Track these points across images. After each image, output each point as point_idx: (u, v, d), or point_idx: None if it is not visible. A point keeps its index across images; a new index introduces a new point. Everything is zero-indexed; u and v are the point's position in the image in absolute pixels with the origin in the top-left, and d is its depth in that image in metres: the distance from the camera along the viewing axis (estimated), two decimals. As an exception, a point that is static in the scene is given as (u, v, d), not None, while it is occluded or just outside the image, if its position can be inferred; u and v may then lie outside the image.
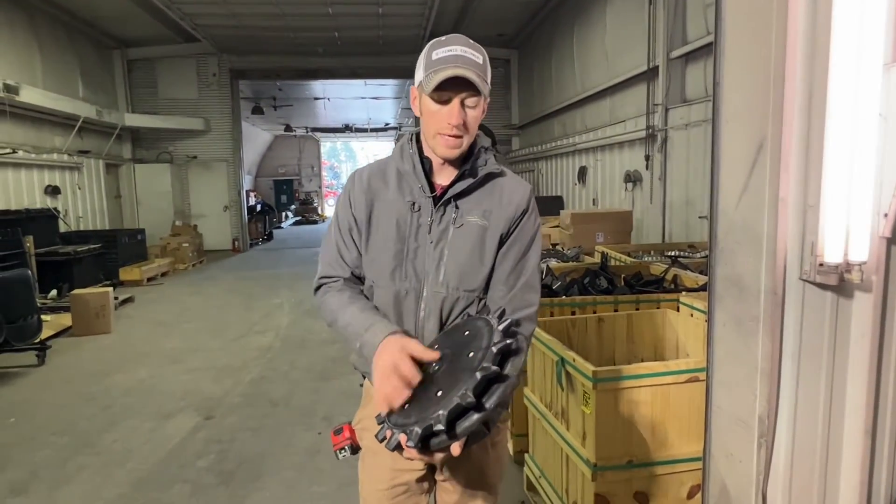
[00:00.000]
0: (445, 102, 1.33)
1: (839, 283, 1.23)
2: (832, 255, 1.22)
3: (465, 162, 1.43)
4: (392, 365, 1.22)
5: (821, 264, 1.24)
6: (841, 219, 1.21)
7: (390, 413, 1.23)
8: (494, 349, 1.15)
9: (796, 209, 1.29)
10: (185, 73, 13.63)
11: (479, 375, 1.12)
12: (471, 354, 1.19)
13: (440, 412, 1.12)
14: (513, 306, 1.41)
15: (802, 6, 1.25)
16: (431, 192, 1.42)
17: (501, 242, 1.43)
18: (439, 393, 1.18)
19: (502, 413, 1.45)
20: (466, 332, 1.29)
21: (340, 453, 1.50)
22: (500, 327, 1.20)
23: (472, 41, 1.36)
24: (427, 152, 1.44)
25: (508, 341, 1.18)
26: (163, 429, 3.92)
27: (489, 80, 1.37)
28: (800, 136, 1.28)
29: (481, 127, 1.46)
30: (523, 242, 1.45)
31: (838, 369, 1.32)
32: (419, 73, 1.36)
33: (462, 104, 1.33)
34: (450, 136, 1.34)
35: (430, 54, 1.34)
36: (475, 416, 1.13)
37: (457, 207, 1.42)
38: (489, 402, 1.13)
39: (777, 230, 1.32)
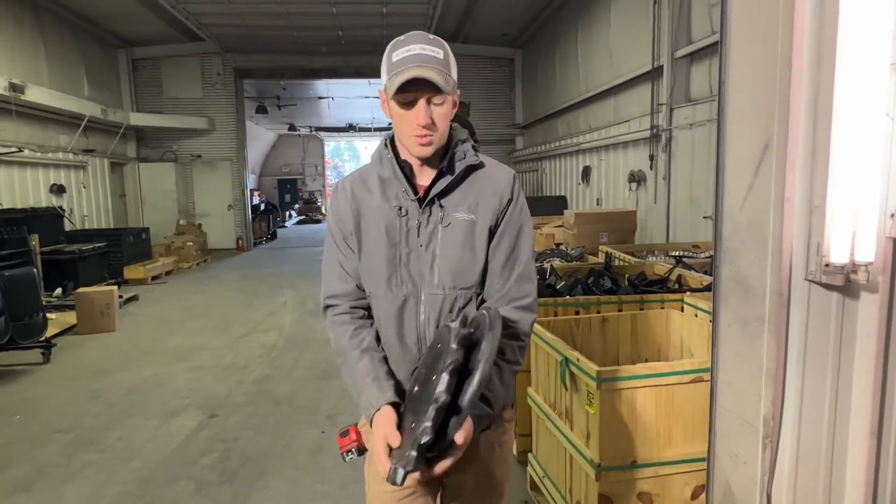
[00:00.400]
0: (411, 104, 1.32)
1: (845, 283, 1.23)
2: (838, 255, 1.22)
3: (442, 159, 1.42)
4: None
5: (826, 265, 1.23)
6: (847, 219, 1.20)
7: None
8: (446, 374, 1.13)
9: (802, 209, 1.29)
10: (190, 73, 13.66)
11: (432, 411, 1.12)
12: (433, 377, 1.18)
13: (411, 453, 1.13)
14: (509, 298, 1.41)
15: (809, 5, 1.25)
16: (415, 195, 1.41)
17: (491, 235, 1.42)
18: (413, 425, 1.19)
19: (506, 401, 1.46)
20: (438, 345, 1.29)
21: (347, 455, 1.50)
22: (454, 344, 1.17)
23: (431, 36, 1.34)
24: (404, 154, 1.43)
25: (454, 362, 1.15)
26: (167, 427, 3.93)
27: (454, 74, 1.35)
28: (806, 136, 1.28)
29: (458, 119, 1.45)
30: (513, 232, 1.43)
31: (844, 370, 1.31)
32: (383, 77, 1.35)
33: (428, 102, 1.32)
34: (420, 136, 1.33)
35: (390, 56, 1.33)
36: (443, 446, 1.16)
37: (441, 206, 1.41)
38: (450, 436, 1.16)
39: (783, 230, 1.32)
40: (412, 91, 1.30)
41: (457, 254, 1.40)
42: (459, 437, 1.18)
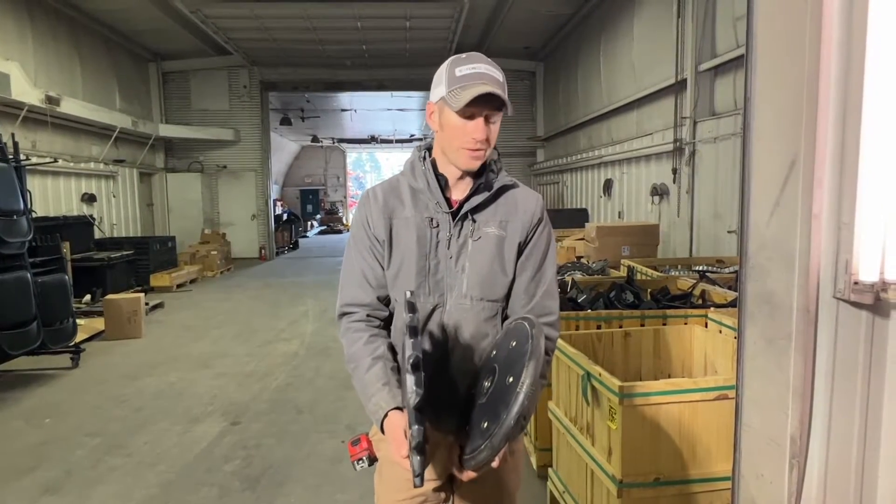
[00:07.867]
0: (470, 117, 1.36)
1: (875, 302, 1.21)
2: (867, 273, 1.20)
3: (478, 176, 1.45)
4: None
5: (855, 282, 1.22)
6: (877, 237, 1.19)
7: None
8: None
9: (830, 226, 1.28)
10: (218, 85, 14.00)
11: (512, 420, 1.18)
12: (510, 380, 1.23)
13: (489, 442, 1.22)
14: (534, 314, 1.43)
15: (836, 19, 1.25)
16: (448, 208, 1.44)
17: (520, 251, 1.46)
18: (486, 425, 1.25)
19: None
20: (514, 343, 1.31)
21: (358, 464, 1.51)
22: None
23: (490, 59, 1.40)
24: (442, 168, 1.46)
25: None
26: (191, 432, 3.99)
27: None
28: (834, 152, 1.27)
29: None
30: (540, 252, 1.48)
31: (874, 390, 1.29)
32: (440, 89, 1.38)
33: (485, 118, 1.36)
34: (473, 149, 1.37)
35: (452, 71, 1.36)
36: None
37: (473, 221, 1.44)
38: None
39: (810, 247, 1.31)
40: (474, 106, 1.34)
41: (486, 266, 1.44)
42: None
